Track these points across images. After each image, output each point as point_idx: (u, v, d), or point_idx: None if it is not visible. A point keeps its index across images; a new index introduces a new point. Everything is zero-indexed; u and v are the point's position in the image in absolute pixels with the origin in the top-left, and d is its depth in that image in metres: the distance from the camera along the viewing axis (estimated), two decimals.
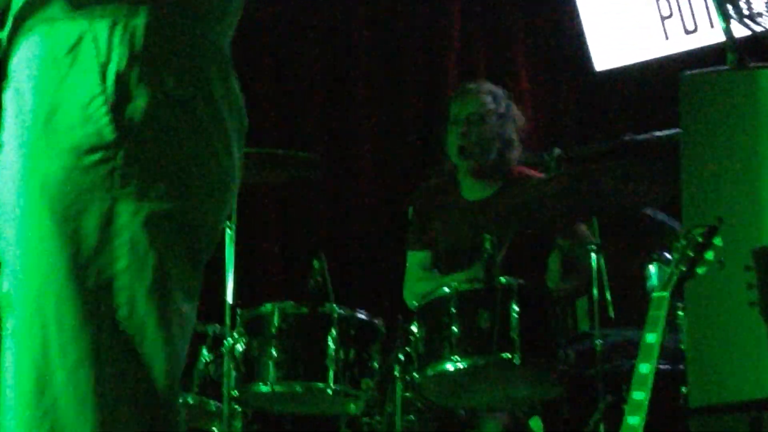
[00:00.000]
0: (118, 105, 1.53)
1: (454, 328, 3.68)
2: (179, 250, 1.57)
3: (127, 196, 1.53)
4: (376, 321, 4.02)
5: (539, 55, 5.97)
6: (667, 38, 5.38)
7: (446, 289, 3.78)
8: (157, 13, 1.57)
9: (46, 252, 1.52)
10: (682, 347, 3.68)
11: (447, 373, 3.69)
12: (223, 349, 3.92)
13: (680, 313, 3.70)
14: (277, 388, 3.85)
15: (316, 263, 3.93)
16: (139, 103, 1.53)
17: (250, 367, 3.89)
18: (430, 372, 3.73)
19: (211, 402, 4.05)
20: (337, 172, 5.88)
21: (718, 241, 3.16)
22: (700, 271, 3.12)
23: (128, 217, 1.53)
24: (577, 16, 5.61)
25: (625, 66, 5.55)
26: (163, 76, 1.56)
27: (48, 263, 1.52)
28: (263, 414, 4.19)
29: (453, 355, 3.66)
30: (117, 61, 1.54)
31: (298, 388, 3.86)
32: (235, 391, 3.88)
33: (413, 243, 4.59)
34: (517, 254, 4.37)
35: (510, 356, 3.61)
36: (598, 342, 3.79)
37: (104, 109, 1.52)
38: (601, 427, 3.67)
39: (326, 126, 5.98)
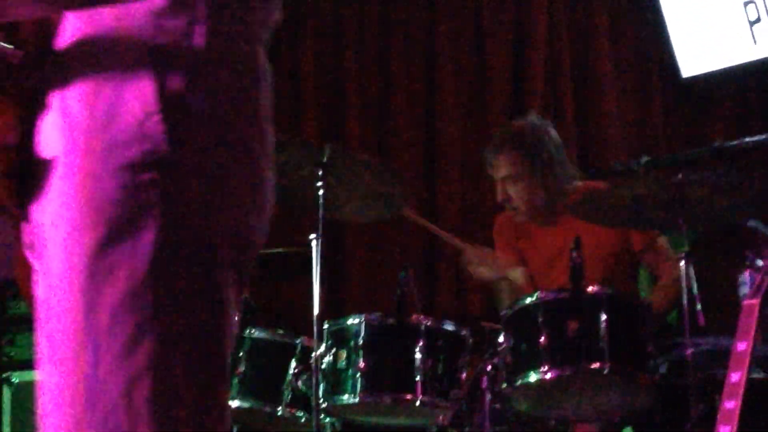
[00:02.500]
0: (175, 123, 1.55)
1: (542, 338, 3.66)
2: (229, 264, 1.59)
3: (179, 214, 1.55)
4: (463, 332, 4.01)
5: (626, 63, 5.93)
6: (755, 42, 5.30)
7: (533, 299, 3.76)
8: (212, 33, 1.60)
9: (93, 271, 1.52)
10: None
11: (535, 383, 3.67)
12: (311, 361, 3.94)
13: None
14: (365, 400, 3.86)
15: (402, 274, 3.94)
16: (194, 121, 1.56)
17: (337, 379, 3.91)
18: (518, 382, 3.72)
19: (301, 414, 4.08)
20: (424, 182, 5.90)
21: None
22: None
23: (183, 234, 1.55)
24: (664, 22, 5.56)
25: (712, 71, 5.49)
26: (216, 95, 1.58)
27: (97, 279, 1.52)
28: (352, 425, 4.20)
29: (541, 365, 3.64)
30: (174, 81, 1.56)
31: (386, 400, 3.87)
32: (324, 403, 3.90)
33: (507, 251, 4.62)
34: (606, 265, 4.34)
35: (598, 366, 3.58)
36: (690, 351, 3.74)
37: (161, 127, 1.54)
38: None
39: (412, 132, 5.99)
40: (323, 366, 3.92)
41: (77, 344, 1.52)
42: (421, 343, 3.86)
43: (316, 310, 3.91)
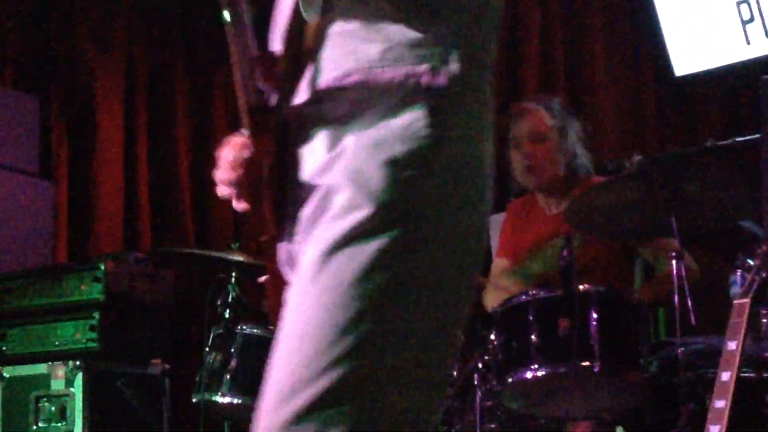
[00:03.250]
0: (437, 129, 1.75)
1: (533, 336, 3.66)
2: (473, 262, 1.79)
3: (443, 207, 1.74)
4: None
5: (620, 61, 5.93)
6: (748, 42, 5.31)
7: (524, 297, 3.77)
8: (465, 59, 1.81)
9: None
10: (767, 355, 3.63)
11: (526, 380, 3.68)
12: None
13: (765, 320, 3.64)
14: None
15: None
16: (454, 129, 1.78)
17: None
18: (509, 380, 3.72)
19: None
20: None
21: None
22: None
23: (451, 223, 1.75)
24: (657, 21, 5.56)
25: (706, 71, 5.49)
26: (464, 114, 1.81)
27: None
28: None
29: (531, 363, 3.64)
30: (437, 96, 1.77)
31: None
32: None
33: (501, 250, 4.60)
34: (600, 262, 4.34)
35: (589, 364, 3.59)
36: (681, 350, 3.75)
37: (427, 131, 1.75)
38: None
39: None
40: None
41: (318, 301, 1.69)
42: None
43: None
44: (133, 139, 6.29)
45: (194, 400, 4.24)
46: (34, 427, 4.89)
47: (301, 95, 1.85)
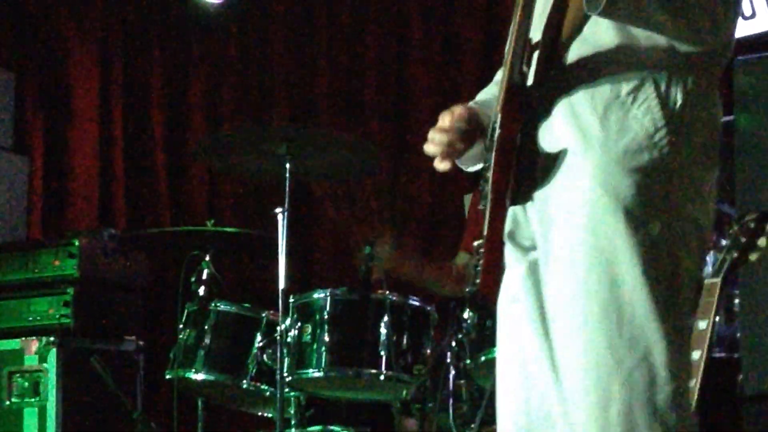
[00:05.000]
0: (677, 137, 1.99)
1: None
2: (701, 256, 2.09)
3: (675, 210, 2.00)
4: (428, 308, 4.02)
5: None
6: None
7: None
8: (695, 78, 2.03)
9: (619, 249, 1.96)
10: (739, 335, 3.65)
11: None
12: (277, 335, 3.95)
13: (737, 300, 3.66)
14: (330, 374, 3.87)
15: (367, 249, 3.95)
16: (691, 138, 2.00)
17: (302, 353, 3.92)
18: (482, 359, 3.73)
19: (266, 388, 4.08)
20: (394, 161, 5.89)
21: None
22: (752, 257, 3.09)
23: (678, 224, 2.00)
24: None
25: None
26: (702, 112, 2.04)
27: (622, 258, 1.96)
28: (317, 399, 4.21)
29: None
30: (675, 103, 2.00)
31: (351, 374, 3.88)
32: (288, 377, 3.90)
33: (464, 243, 4.59)
34: None
35: None
36: None
37: (667, 140, 1.98)
38: None
39: (384, 114, 5.98)
40: (288, 340, 3.93)
41: (602, 313, 1.94)
42: (386, 318, 3.87)
43: (281, 284, 3.91)
44: (109, 114, 6.26)
45: (168, 376, 4.23)
46: (7, 403, 4.88)
47: (548, 75, 2.06)
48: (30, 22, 6.24)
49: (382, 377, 3.86)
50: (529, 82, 2.07)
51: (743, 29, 5.24)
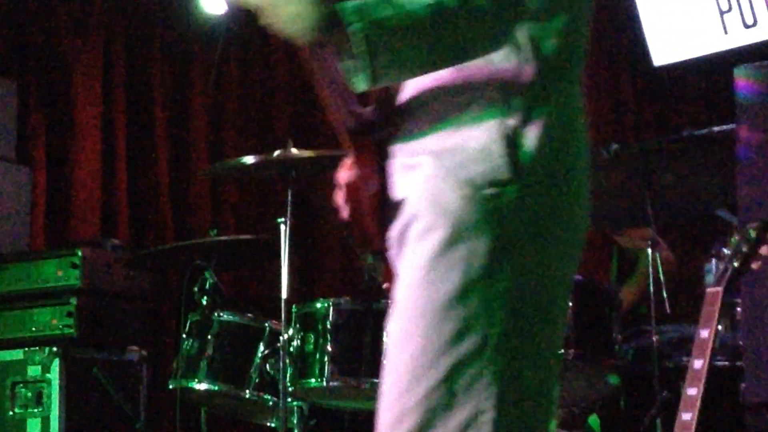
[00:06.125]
0: (513, 150, 1.80)
1: None
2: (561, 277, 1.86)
3: (514, 227, 1.79)
4: None
5: (597, 51, 5.94)
6: (726, 33, 5.33)
7: None
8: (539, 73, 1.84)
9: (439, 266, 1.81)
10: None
11: None
12: (279, 345, 3.95)
13: (739, 309, 3.67)
14: (333, 384, 3.87)
15: (370, 259, 3.95)
16: (528, 151, 1.81)
17: (305, 363, 3.92)
18: None
19: (268, 397, 4.08)
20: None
21: None
22: (754, 266, 3.09)
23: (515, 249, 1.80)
24: (636, 11, 5.57)
25: (684, 61, 5.51)
26: (546, 128, 1.83)
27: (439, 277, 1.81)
28: (320, 409, 4.21)
29: None
30: (514, 118, 1.82)
31: (353, 384, 3.88)
32: (291, 387, 3.90)
33: None
34: None
35: (562, 352, 3.60)
36: (655, 338, 3.77)
37: (501, 152, 1.80)
38: (657, 424, 3.65)
39: None
40: (291, 350, 3.93)
41: (412, 326, 1.83)
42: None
43: (284, 294, 3.91)
44: (112, 124, 6.27)
45: (171, 386, 4.24)
46: (10, 413, 4.88)
47: (391, 114, 1.92)
48: (33, 33, 6.25)
49: None
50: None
51: (745, 38, 5.26)
